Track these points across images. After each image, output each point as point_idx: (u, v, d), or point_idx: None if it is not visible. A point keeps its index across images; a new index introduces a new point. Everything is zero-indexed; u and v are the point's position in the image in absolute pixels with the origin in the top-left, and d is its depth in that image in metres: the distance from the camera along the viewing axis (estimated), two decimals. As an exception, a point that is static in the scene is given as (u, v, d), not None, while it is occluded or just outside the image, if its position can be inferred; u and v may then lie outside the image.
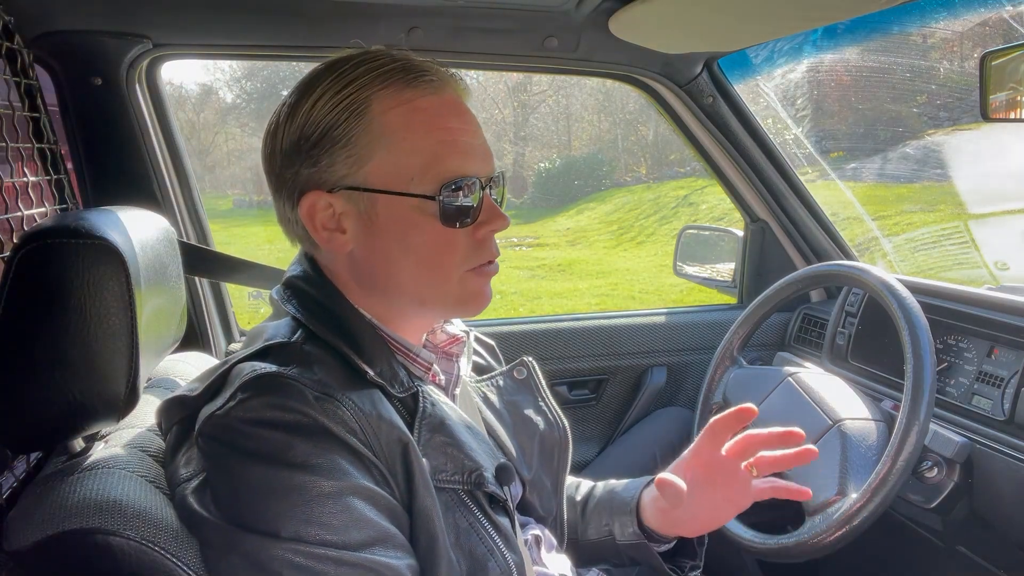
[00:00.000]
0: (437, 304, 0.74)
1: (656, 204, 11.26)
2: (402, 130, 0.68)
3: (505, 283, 7.64)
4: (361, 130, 0.67)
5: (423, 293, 0.72)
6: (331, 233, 0.71)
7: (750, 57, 1.58)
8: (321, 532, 0.59)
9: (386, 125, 0.68)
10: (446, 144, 0.69)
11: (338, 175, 0.69)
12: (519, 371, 0.94)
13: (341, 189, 0.69)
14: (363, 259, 0.72)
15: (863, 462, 1.07)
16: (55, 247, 0.63)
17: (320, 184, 0.69)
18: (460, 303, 0.74)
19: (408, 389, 0.72)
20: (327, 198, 0.69)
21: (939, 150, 7.69)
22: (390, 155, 0.68)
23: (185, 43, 1.27)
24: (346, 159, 0.68)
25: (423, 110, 0.69)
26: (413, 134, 0.68)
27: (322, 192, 0.69)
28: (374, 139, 0.68)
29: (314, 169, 0.69)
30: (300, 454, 0.61)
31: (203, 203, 1.43)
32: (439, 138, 0.69)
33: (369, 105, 0.68)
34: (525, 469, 0.88)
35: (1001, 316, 1.17)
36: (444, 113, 0.70)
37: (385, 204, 0.69)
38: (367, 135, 0.68)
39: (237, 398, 0.63)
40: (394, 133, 0.68)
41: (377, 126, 0.68)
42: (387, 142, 0.68)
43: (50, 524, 0.60)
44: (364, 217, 0.69)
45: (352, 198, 0.69)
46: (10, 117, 0.96)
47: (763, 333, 1.62)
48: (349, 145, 0.68)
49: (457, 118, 0.71)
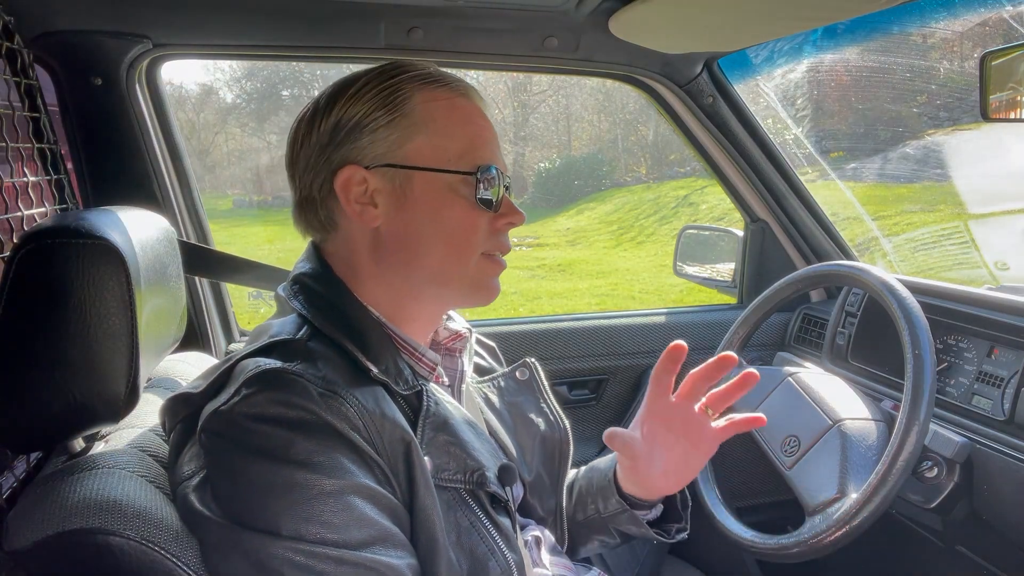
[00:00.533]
0: (454, 283, 0.76)
1: (656, 204, 11.26)
2: (442, 119, 0.74)
3: (505, 283, 7.54)
4: (403, 114, 0.73)
5: (445, 269, 0.75)
6: (363, 207, 0.73)
7: (750, 57, 1.58)
8: (321, 531, 0.59)
9: (427, 113, 0.74)
10: (479, 137, 0.76)
11: (377, 152, 0.73)
12: (522, 372, 0.95)
13: (378, 166, 0.72)
14: (390, 235, 0.74)
15: (863, 462, 1.07)
16: (55, 247, 0.63)
17: (358, 160, 0.73)
18: (474, 287, 0.77)
19: (412, 387, 0.73)
20: (363, 173, 0.73)
21: (939, 150, 7.69)
22: (430, 138, 0.73)
23: (185, 43, 1.26)
24: (387, 138, 0.73)
25: (459, 107, 0.76)
26: (452, 124, 0.75)
27: (359, 167, 0.73)
28: (415, 123, 0.73)
29: (353, 146, 0.73)
30: (302, 451, 0.61)
31: (203, 203, 1.42)
32: (473, 131, 0.76)
33: (411, 95, 0.74)
34: (526, 470, 0.88)
35: (1001, 316, 1.17)
36: (475, 114, 0.77)
37: (422, 181, 0.73)
38: (408, 119, 0.73)
39: (241, 394, 0.63)
40: (434, 120, 0.74)
41: (418, 113, 0.73)
42: (427, 127, 0.73)
43: (50, 524, 0.60)
44: (398, 193, 0.73)
45: (388, 175, 0.73)
46: (10, 117, 0.96)
47: (763, 333, 1.63)
48: (391, 126, 0.73)
49: (485, 121, 0.78)
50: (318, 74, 14.10)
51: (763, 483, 1.59)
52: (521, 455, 0.88)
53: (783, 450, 1.18)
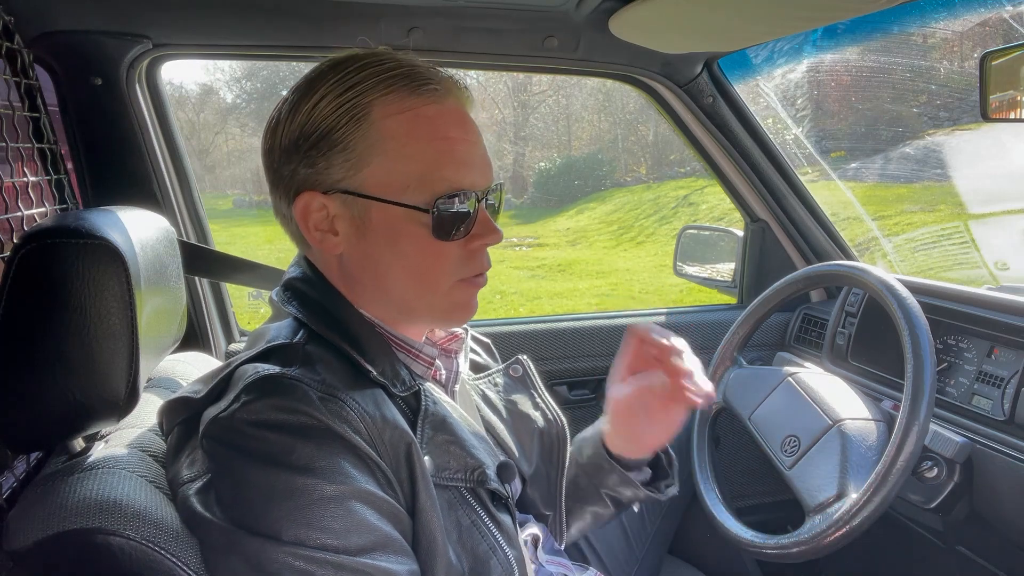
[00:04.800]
0: (423, 313, 0.74)
1: (656, 204, 11.26)
2: (402, 137, 0.68)
3: (505, 283, 7.64)
4: (360, 135, 0.67)
5: (410, 302, 0.73)
6: (323, 234, 0.71)
7: (750, 57, 1.58)
8: (322, 536, 0.59)
9: (385, 131, 0.67)
10: (444, 154, 0.69)
11: (334, 178, 0.69)
12: (515, 369, 0.95)
13: (336, 192, 0.69)
14: (353, 262, 0.72)
15: (863, 462, 1.07)
16: (55, 247, 0.63)
17: (316, 185, 0.69)
18: (446, 314, 0.74)
19: (410, 388, 0.73)
20: (321, 199, 0.69)
21: (939, 150, 7.69)
22: (387, 162, 0.68)
23: (185, 43, 1.26)
24: (343, 163, 0.68)
25: (424, 118, 0.68)
26: (412, 142, 0.68)
27: (317, 193, 0.69)
28: (372, 144, 0.67)
29: (311, 170, 0.69)
30: (303, 457, 0.61)
31: (203, 203, 1.42)
32: (438, 148, 0.68)
33: (370, 110, 0.67)
34: (525, 464, 0.88)
35: (1001, 316, 1.17)
36: (445, 123, 0.69)
37: (379, 211, 0.69)
38: (366, 140, 0.67)
39: (241, 400, 0.63)
40: (393, 140, 0.67)
41: (376, 132, 0.67)
42: (385, 149, 0.67)
43: (50, 524, 0.60)
44: (357, 221, 0.70)
45: (346, 202, 0.69)
46: (10, 117, 0.96)
47: (763, 333, 1.62)
48: (347, 149, 0.68)
49: (458, 128, 0.70)
50: (318, 74, 14.03)
51: (763, 483, 1.59)
52: (520, 451, 0.88)
53: (783, 450, 1.18)
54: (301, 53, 1.34)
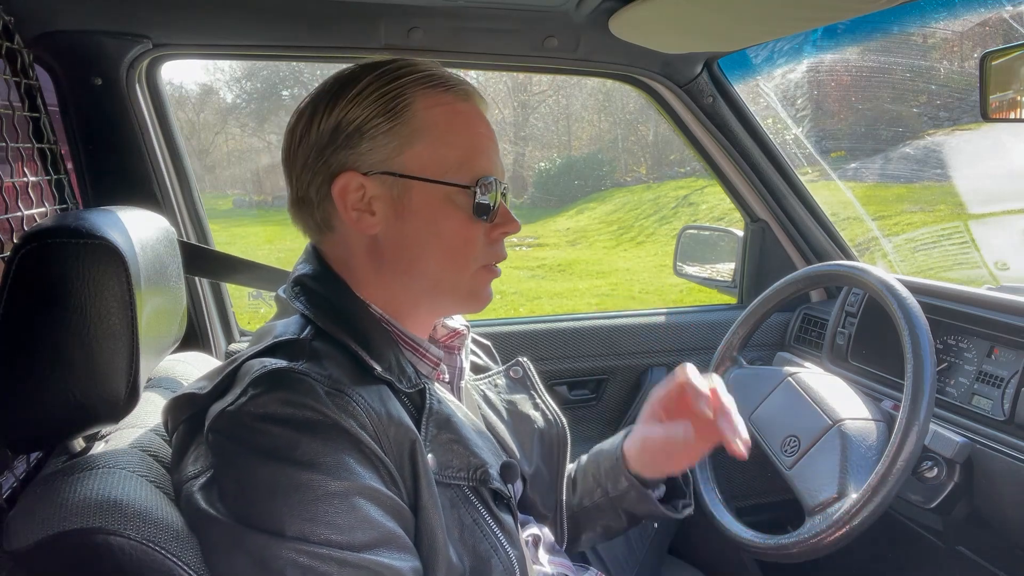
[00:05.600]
0: (449, 293, 0.76)
1: (656, 204, 11.26)
2: (442, 126, 0.73)
3: (505, 283, 7.64)
4: (404, 121, 0.72)
5: (442, 278, 0.75)
6: (360, 214, 0.73)
7: (750, 57, 1.58)
8: (326, 532, 0.59)
9: (427, 120, 0.72)
10: (479, 146, 0.75)
11: (376, 159, 0.72)
12: (515, 370, 0.95)
13: (377, 173, 0.72)
14: (388, 242, 0.74)
15: (863, 462, 1.07)
16: (55, 247, 0.63)
17: (356, 166, 0.72)
18: (469, 296, 0.77)
19: (415, 385, 0.73)
20: (361, 179, 0.72)
21: (939, 150, 7.69)
22: (429, 146, 0.72)
23: (185, 43, 1.26)
24: (386, 145, 0.71)
25: (460, 112, 0.74)
26: (452, 131, 0.73)
27: (357, 174, 0.72)
28: (415, 131, 0.72)
29: (352, 152, 0.72)
30: (308, 452, 0.61)
31: (203, 203, 1.42)
32: (473, 139, 0.74)
33: (412, 100, 0.72)
34: (525, 465, 0.89)
35: (1001, 316, 1.17)
36: (476, 119, 0.76)
37: (420, 191, 0.72)
38: (409, 126, 0.72)
39: (248, 394, 0.63)
40: (435, 127, 0.72)
41: (419, 120, 0.72)
42: (427, 135, 0.72)
43: (50, 524, 0.60)
44: (396, 201, 0.72)
45: (387, 183, 0.72)
46: (10, 117, 0.96)
47: (763, 333, 1.63)
48: (391, 133, 0.71)
49: (484, 125, 0.77)
50: (318, 74, 14.06)
51: (763, 483, 1.59)
52: (521, 451, 0.88)
53: (783, 450, 1.18)
54: (301, 53, 1.34)
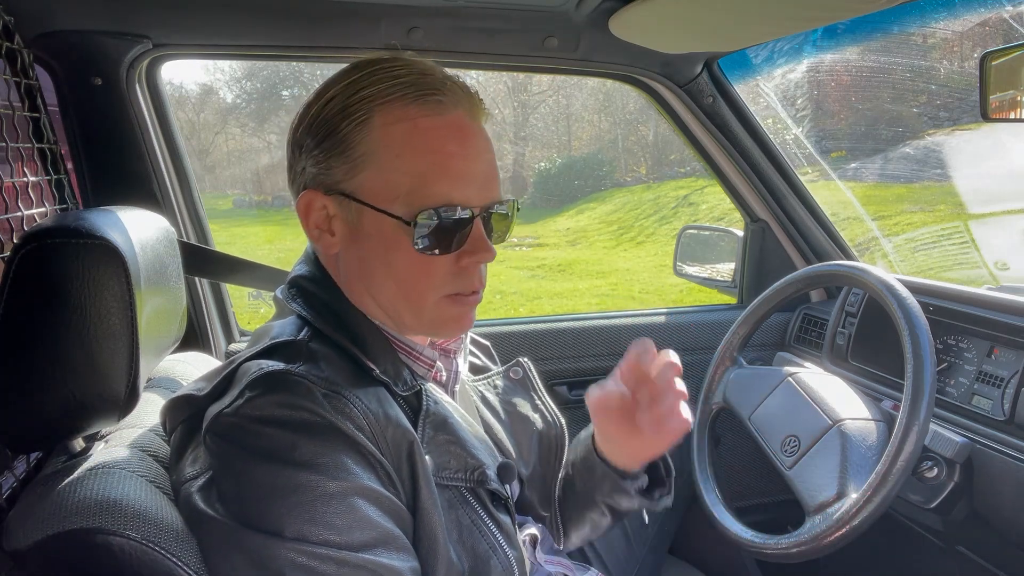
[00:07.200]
0: (410, 324, 0.74)
1: (656, 204, 11.26)
2: (397, 147, 0.68)
3: (505, 283, 7.65)
4: (360, 139, 0.68)
5: (398, 311, 0.73)
6: (322, 233, 0.72)
7: (750, 57, 1.59)
8: (324, 532, 0.59)
9: (384, 139, 0.68)
10: (438, 168, 0.68)
11: (334, 179, 0.70)
12: (515, 371, 0.95)
13: (335, 193, 0.70)
14: (347, 264, 0.73)
15: (863, 462, 1.07)
16: (55, 247, 0.63)
17: (319, 184, 0.70)
18: (433, 326, 0.74)
19: (412, 387, 0.73)
20: (323, 199, 0.71)
21: (939, 150, 7.69)
22: (382, 170, 0.68)
23: (185, 43, 1.26)
24: (343, 164, 0.69)
25: (423, 130, 0.68)
26: (407, 152, 0.67)
27: (319, 192, 0.70)
28: (370, 151, 0.68)
29: (316, 169, 0.70)
30: (306, 453, 0.61)
31: (203, 203, 1.42)
32: (432, 161, 0.68)
33: (372, 116, 0.68)
34: (522, 466, 0.88)
35: (1001, 316, 1.17)
36: (443, 136, 0.68)
37: (370, 217, 0.69)
38: (364, 145, 0.68)
39: (245, 396, 0.63)
40: (390, 149, 0.68)
41: (375, 139, 0.68)
42: (379, 158, 0.68)
43: (50, 524, 0.60)
44: (352, 225, 0.70)
45: (343, 204, 0.70)
46: (10, 117, 0.96)
47: (763, 333, 1.62)
48: (348, 152, 0.68)
49: (457, 142, 0.69)
50: (318, 74, 14.05)
51: (763, 483, 1.59)
52: (518, 452, 0.88)
53: (783, 450, 1.18)
54: (301, 53, 1.34)
